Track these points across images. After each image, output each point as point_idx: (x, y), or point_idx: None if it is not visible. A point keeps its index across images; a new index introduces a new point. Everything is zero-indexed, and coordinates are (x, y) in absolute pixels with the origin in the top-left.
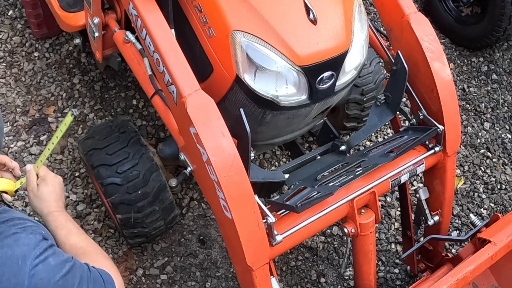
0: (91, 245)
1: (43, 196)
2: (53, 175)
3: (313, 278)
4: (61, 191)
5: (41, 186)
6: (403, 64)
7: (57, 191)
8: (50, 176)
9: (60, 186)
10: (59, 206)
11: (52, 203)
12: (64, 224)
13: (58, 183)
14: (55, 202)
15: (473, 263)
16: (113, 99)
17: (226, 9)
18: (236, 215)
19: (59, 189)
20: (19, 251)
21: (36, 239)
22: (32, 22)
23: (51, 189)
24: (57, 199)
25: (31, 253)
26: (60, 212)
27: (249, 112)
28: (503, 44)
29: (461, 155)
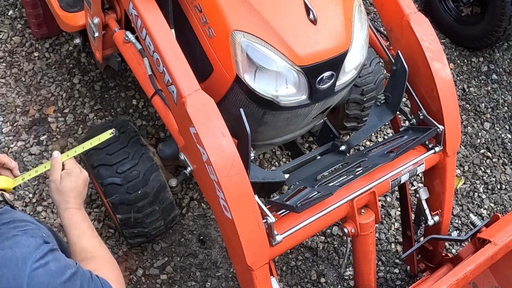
0: (101, 251)
1: (64, 190)
2: (79, 170)
3: (313, 278)
4: (83, 188)
5: (64, 179)
6: (403, 64)
7: (79, 188)
8: (75, 171)
9: (84, 183)
10: (78, 203)
11: (71, 199)
12: (79, 224)
13: (83, 180)
14: (75, 199)
15: (473, 263)
16: (113, 99)
17: (226, 9)
18: (236, 215)
19: (82, 186)
20: (19, 253)
21: (36, 242)
22: (32, 22)
23: (73, 184)
24: (77, 196)
25: (32, 255)
26: (78, 210)
27: (249, 112)
28: (503, 44)
29: (461, 155)
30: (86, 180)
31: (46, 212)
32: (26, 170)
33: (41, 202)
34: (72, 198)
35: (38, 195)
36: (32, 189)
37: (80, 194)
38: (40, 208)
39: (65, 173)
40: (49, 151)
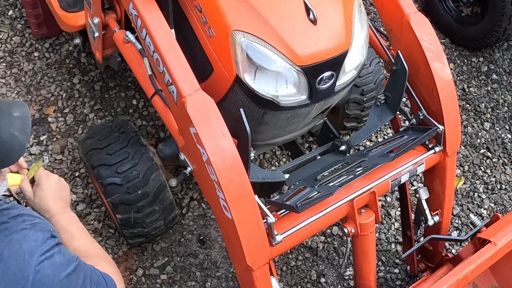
0: (94, 249)
1: (41, 201)
2: (46, 176)
3: (313, 278)
4: (58, 191)
5: (36, 192)
6: (403, 64)
7: (53, 192)
8: (43, 180)
9: (57, 185)
10: (60, 207)
11: (51, 206)
12: (66, 228)
13: (54, 183)
14: (54, 204)
15: (473, 263)
16: (113, 99)
17: (226, 9)
18: (236, 215)
19: (56, 189)
20: (26, 246)
21: (44, 236)
22: (32, 22)
23: (47, 192)
24: (55, 201)
25: (38, 249)
26: (61, 215)
27: (249, 112)
28: (503, 44)
29: (461, 155)
30: (58, 181)
31: None
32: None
33: None
34: (51, 204)
35: None
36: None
37: (58, 198)
38: None
39: (35, 186)
40: (49, 151)
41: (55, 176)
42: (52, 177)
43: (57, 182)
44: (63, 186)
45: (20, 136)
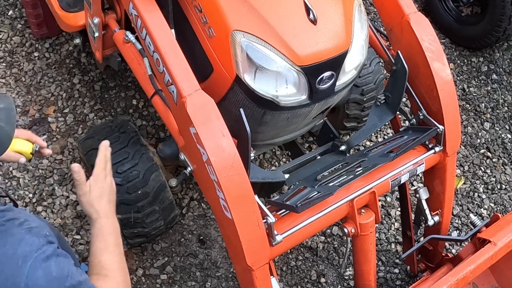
0: (118, 272)
1: (94, 200)
2: (104, 176)
3: (313, 278)
4: (111, 194)
5: (93, 188)
6: (403, 64)
7: (107, 194)
8: (100, 178)
9: (110, 189)
10: (109, 212)
11: (101, 208)
12: (105, 237)
13: (110, 185)
14: (106, 207)
15: (473, 263)
16: (113, 99)
17: (226, 9)
18: (236, 215)
19: (110, 192)
20: (21, 251)
21: (39, 242)
22: (32, 22)
23: (103, 192)
24: (107, 204)
25: (33, 255)
26: (108, 221)
27: (249, 112)
28: (503, 44)
29: (461, 155)
30: (112, 185)
31: (46, 212)
32: (26, 170)
33: (41, 202)
34: (102, 206)
35: (38, 195)
36: (32, 189)
37: (110, 202)
38: (40, 208)
39: (93, 180)
40: None
41: (111, 177)
42: (109, 178)
43: (112, 185)
44: (114, 191)
45: (7, 127)
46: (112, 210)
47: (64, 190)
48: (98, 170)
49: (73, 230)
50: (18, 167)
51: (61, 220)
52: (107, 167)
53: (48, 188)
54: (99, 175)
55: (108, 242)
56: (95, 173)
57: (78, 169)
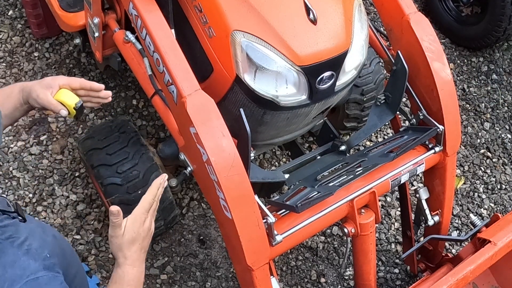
0: None
1: (124, 245)
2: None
3: (313, 278)
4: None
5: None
6: (403, 64)
7: (140, 240)
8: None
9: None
10: (133, 260)
11: (130, 254)
12: (123, 286)
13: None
14: (135, 254)
15: (473, 263)
16: (113, 99)
17: (226, 9)
18: (236, 215)
19: (144, 238)
20: (11, 273)
21: (35, 266)
22: (32, 22)
23: (136, 237)
24: (138, 251)
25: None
26: (131, 269)
27: (249, 112)
28: (503, 44)
29: (461, 155)
30: (149, 230)
31: (46, 212)
32: (26, 170)
33: (41, 202)
34: (132, 252)
35: (38, 195)
36: (32, 189)
37: (141, 248)
38: (40, 208)
39: (130, 223)
40: (49, 151)
41: (150, 220)
42: (148, 222)
43: (149, 230)
44: (150, 235)
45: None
46: (142, 257)
47: (64, 190)
48: (140, 211)
49: (73, 230)
50: (18, 167)
51: (61, 220)
52: (151, 209)
53: (48, 188)
54: (139, 217)
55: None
56: (136, 213)
57: (117, 212)
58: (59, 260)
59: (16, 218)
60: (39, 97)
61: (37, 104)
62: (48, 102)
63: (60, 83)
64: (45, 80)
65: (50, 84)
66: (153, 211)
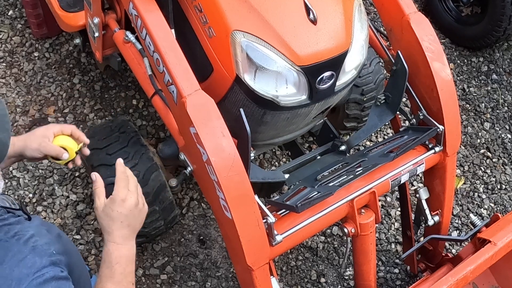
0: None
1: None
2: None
3: (313, 278)
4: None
5: (106, 208)
6: (403, 64)
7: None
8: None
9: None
10: (122, 237)
11: (113, 231)
12: (112, 264)
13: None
14: (118, 231)
15: (473, 263)
16: (113, 99)
17: (226, 9)
18: (236, 215)
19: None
20: (17, 272)
21: (41, 263)
22: (32, 22)
23: (115, 215)
24: (121, 228)
25: (29, 278)
26: (118, 247)
27: (249, 112)
28: (503, 44)
29: (461, 155)
30: (133, 208)
31: (46, 212)
32: (26, 170)
33: (41, 202)
34: (115, 230)
35: (38, 195)
36: (32, 189)
37: (125, 226)
38: (40, 208)
39: (109, 200)
40: None
41: (133, 200)
42: (130, 200)
43: (133, 208)
44: (137, 213)
45: (1, 135)
46: (127, 233)
47: (64, 190)
48: (116, 191)
49: (73, 230)
50: (18, 167)
51: (61, 220)
52: (130, 185)
53: (48, 188)
54: (117, 196)
55: (114, 270)
56: (113, 194)
57: (95, 178)
58: (64, 259)
59: (21, 216)
60: (42, 145)
61: (39, 154)
62: (52, 148)
63: (54, 131)
64: (39, 131)
65: (45, 134)
66: (135, 188)
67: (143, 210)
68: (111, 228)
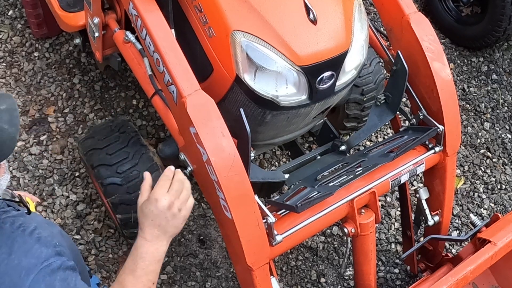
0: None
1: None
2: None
3: (313, 278)
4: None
5: (144, 204)
6: (403, 64)
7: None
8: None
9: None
10: (151, 235)
11: (145, 229)
12: (136, 259)
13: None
14: (148, 228)
15: (473, 263)
16: (113, 99)
17: (226, 9)
18: (236, 215)
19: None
20: (26, 262)
21: (47, 253)
22: (32, 22)
23: (147, 212)
24: (151, 226)
25: (37, 267)
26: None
27: (249, 112)
28: (503, 44)
29: (461, 155)
30: (166, 210)
31: (46, 212)
32: (26, 170)
33: (41, 202)
34: (146, 227)
35: (38, 195)
36: (32, 189)
37: (156, 226)
38: (40, 208)
39: (148, 199)
40: (49, 151)
41: (166, 202)
42: (163, 202)
43: (165, 209)
44: (170, 216)
45: (10, 129)
46: (157, 232)
47: (64, 190)
48: (153, 190)
49: (73, 230)
50: (18, 167)
51: (61, 220)
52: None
53: (48, 188)
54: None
55: (137, 264)
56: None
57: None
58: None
59: (21, 210)
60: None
61: None
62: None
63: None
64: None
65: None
66: (174, 191)
67: (178, 215)
68: (144, 224)
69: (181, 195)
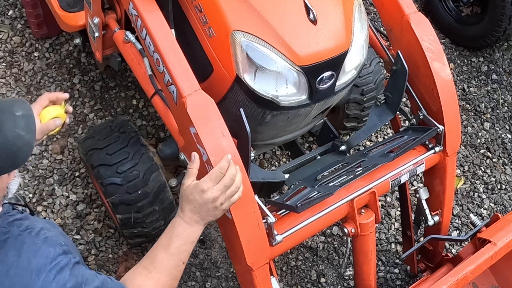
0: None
1: (183, 199)
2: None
3: (313, 278)
4: (201, 207)
5: (188, 189)
6: (403, 64)
7: (195, 203)
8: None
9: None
10: (190, 218)
11: (185, 211)
12: (172, 237)
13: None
14: (189, 212)
15: (473, 263)
16: (113, 99)
17: (226, 9)
18: (236, 215)
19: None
20: (35, 263)
21: (55, 252)
22: (32, 22)
23: (191, 198)
24: (192, 211)
25: (47, 267)
26: (186, 225)
27: (249, 112)
28: (503, 44)
29: (461, 155)
30: (210, 203)
31: (46, 212)
32: (26, 170)
33: (41, 202)
34: (187, 211)
35: (38, 195)
36: (32, 189)
37: (195, 212)
38: (40, 208)
39: (194, 184)
40: (49, 151)
41: (212, 195)
42: (208, 194)
43: (209, 202)
44: (211, 208)
45: (27, 135)
46: (198, 220)
47: (64, 190)
48: (203, 180)
49: (73, 230)
50: None
51: (61, 220)
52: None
53: (48, 188)
54: (201, 184)
55: (172, 242)
56: (200, 180)
57: (194, 159)
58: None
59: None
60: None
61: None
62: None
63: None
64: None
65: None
66: (222, 186)
67: (219, 208)
68: (185, 208)
69: (228, 190)
